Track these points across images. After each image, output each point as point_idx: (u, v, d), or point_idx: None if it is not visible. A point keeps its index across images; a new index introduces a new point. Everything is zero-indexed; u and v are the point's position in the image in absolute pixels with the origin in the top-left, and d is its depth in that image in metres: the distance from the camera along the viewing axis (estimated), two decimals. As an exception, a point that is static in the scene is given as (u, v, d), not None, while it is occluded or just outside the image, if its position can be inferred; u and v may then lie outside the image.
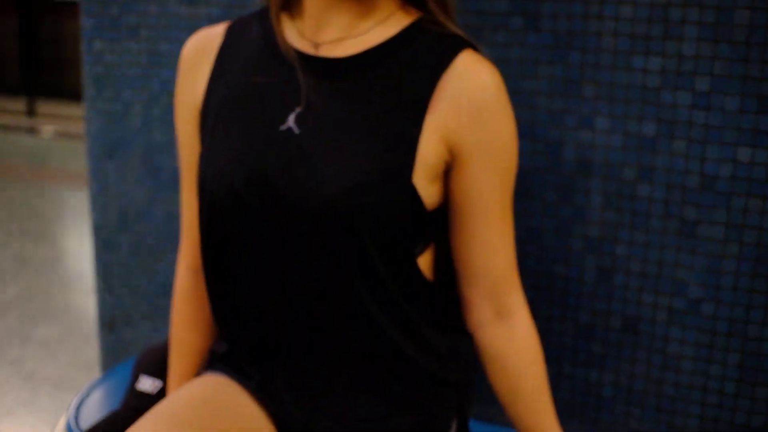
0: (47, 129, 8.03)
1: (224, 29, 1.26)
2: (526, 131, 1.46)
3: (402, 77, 1.13)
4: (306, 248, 1.12)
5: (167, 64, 1.80)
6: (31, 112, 8.82)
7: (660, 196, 1.41)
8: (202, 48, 1.26)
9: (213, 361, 1.30)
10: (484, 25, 1.46)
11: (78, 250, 4.42)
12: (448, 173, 1.17)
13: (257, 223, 1.13)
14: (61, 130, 7.95)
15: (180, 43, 1.76)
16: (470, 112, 1.12)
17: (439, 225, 1.21)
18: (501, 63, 1.45)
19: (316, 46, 1.17)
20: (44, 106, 8.82)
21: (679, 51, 1.36)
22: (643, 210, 1.42)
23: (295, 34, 1.19)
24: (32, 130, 8.13)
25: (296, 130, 1.12)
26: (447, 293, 1.26)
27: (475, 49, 1.16)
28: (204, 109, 1.23)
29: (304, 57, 1.16)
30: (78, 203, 5.18)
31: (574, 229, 1.47)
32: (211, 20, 1.71)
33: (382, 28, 1.17)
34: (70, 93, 8.48)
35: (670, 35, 1.36)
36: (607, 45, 1.40)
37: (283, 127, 1.13)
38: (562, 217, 1.47)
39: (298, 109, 1.13)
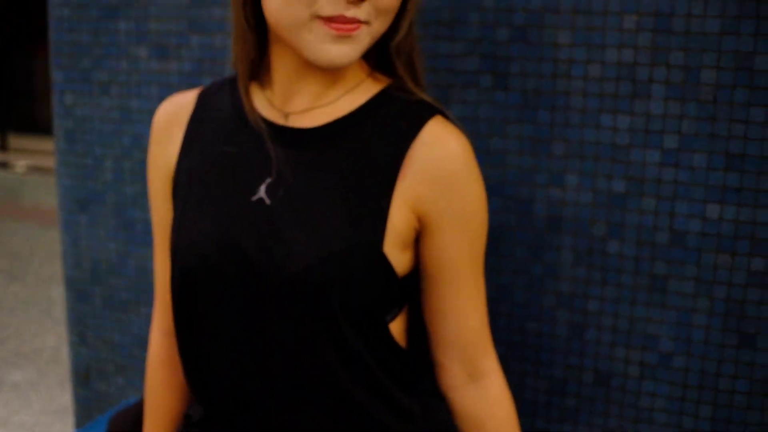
0: (20, 164, 7.95)
1: (196, 95, 1.25)
2: (496, 189, 1.45)
3: (371, 146, 1.12)
4: (278, 316, 1.10)
5: (139, 119, 1.78)
6: (2, 147, 8.72)
7: (630, 253, 1.40)
8: (174, 114, 1.25)
9: (188, 426, 1.28)
10: (453, 84, 1.45)
11: (52, 290, 4.36)
12: (418, 240, 1.16)
13: (229, 292, 1.12)
14: (33, 165, 7.85)
15: (151, 98, 1.74)
16: (439, 181, 1.11)
17: (410, 289, 1.20)
18: (470, 121, 1.45)
19: (286, 115, 1.16)
20: (16, 140, 8.71)
21: (647, 110, 1.36)
22: (613, 266, 1.41)
23: (264, 104, 1.18)
24: (4, 165, 8.03)
25: (267, 201, 1.11)
26: (420, 356, 1.24)
27: (444, 115, 1.15)
28: (176, 176, 1.22)
29: (273, 127, 1.15)
30: (52, 241, 5.12)
31: (546, 285, 1.46)
32: (183, 75, 1.70)
33: (351, 96, 1.16)
34: (43, 127, 8.35)
35: (638, 94, 1.36)
36: (576, 104, 1.39)
37: (255, 198, 1.12)
38: (534, 274, 1.46)
39: (269, 180, 1.12)
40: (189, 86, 1.68)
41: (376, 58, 1.20)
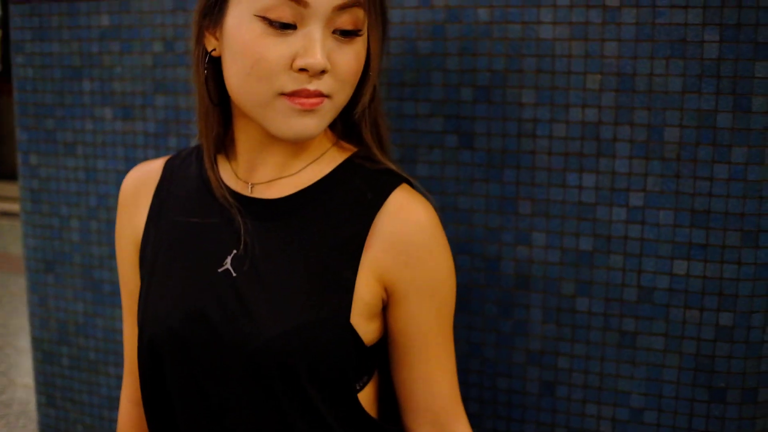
0: (-15, 208, 7.84)
1: (162, 164, 1.23)
2: (464, 247, 1.43)
3: (337, 217, 1.10)
4: (246, 388, 1.08)
5: (104, 179, 1.74)
6: (-33, 192, 8.55)
7: (599, 310, 1.38)
8: (140, 183, 1.23)
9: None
10: (420, 144, 1.43)
11: (20, 340, 4.28)
12: (386, 309, 1.13)
13: (196, 363, 1.09)
14: (1, 209, 7.76)
15: (117, 158, 1.71)
16: (405, 251, 1.09)
17: (379, 357, 1.18)
18: (437, 181, 1.42)
19: (251, 186, 1.14)
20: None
21: (613, 168, 1.34)
22: (582, 323, 1.39)
23: (230, 175, 1.16)
24: (-31, 210, 7.91)
25: (234, 272, 1.09)
26: (391, 423, 1.21)
27: (410, 184, 1.14)
28: (143, 246, 1.20)
29: (239, 198, 1.13)
30: (19, 290, 5.03)
31: (516, 342, 1.43)
32: (148, 137, 1.67)
33: (316, 166, 1.14)
34: (8, 171, 8.19)
35: (602, 153, 1.34)
36: (542, 162, 1.37)
37: (221, 269, 1.10)
38: (504, 331, 1.44)
39: (235, 251, 1.10)
40: (154, 147, 1.65)
41: (342, 126, 1.19)
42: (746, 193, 1.29)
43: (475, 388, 1.47)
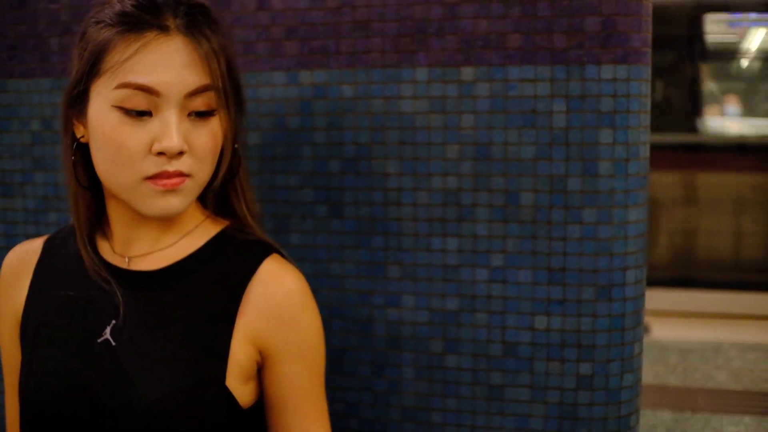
0: None
1: (42, 243, 1.19)
2: (336, 312, 1.37)
3: (212, 286, 1.08)
4: None
5: (-15, 256, 1.63)
6: None
7: (467, 365, 1.33)
8: (21, 262, 1.18)
9: None
10: (292, 214, 1.38)
11: None
12: (260, 372, 1.11)
13: (80, 430, 1.04)
14: None
15: (-4, 236, 1.60)
16: (276, 316, 1.08)
17: (256, 421, 1.13)
18: (310, 249, 1.37)
19: (128, 260, 1.10)
20: None
21: (474, 231, 1.31)
22: (453, 379, 1.34)
23: (108, 249, 1.12)
24: None
25: (113, 342, 1.06)
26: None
27: (280, 254, 1.13)
28: (24, 322, 1.14)
29: (117, 271, 1.09)
30: None
31: (390, 400, 1.37)
32: (28, 213, 1.56)
33: (190, 239, 1.12)
34: None
35: (463, 217, 1.31)
36: (407, 228, 1.33)
37: (100, 340, 1.06)
38: (378, 391, 1.38)
39: (114, 322, 1.06)
40: (34, 222, 1.54)
41: (215, 200, 1.17)
42: (598, 250, 1.27)
43: (353, 446, 1.41)
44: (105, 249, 1.13)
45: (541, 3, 1.26)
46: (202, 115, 1.04)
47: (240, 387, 1.08)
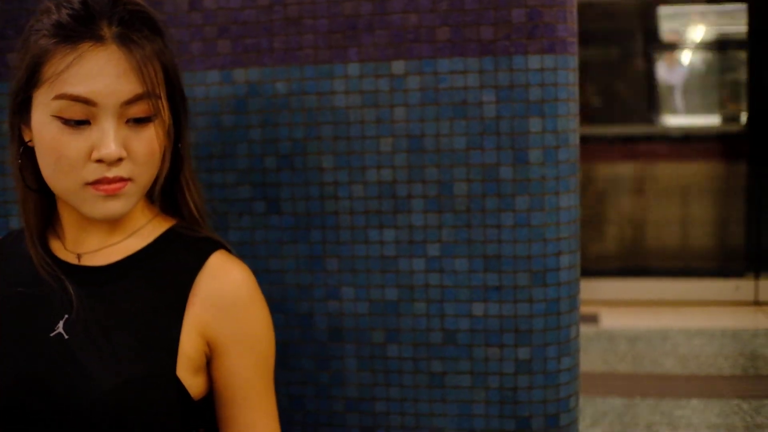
0: None
1: None
2: (278, 306, 1.38)
3: (161, 279, 1.11)
4: None
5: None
6: None
7: (408, 354, 1.36)
8: None
9: None
10: (230, 211, 1.39)
11: None
12: (209, 364, 1.13)
13: (34, 425, 1.06)
14: None
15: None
16: (224, 308, 1.11)
17: (207, 413, 1.16)
18: (249, 245, 1.38)
19: (78, 256, 1.12)
20: None
21: (410, 222, 1.33)
22: (395, 368, 1.36)
23: (59, 246, 1.15)
24: None
25: (66, 336, 1.07)
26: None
27: (227, 249, 1.15)
28: None
29: (68, 267, 1.12)
30: None
31: (334, 392, 1.39)
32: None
33: (139, 236, 1.14)
34: None
35: (399, 209, 1.33)
36: (345, 222, 1.35)
37: (53, 334, 1.08)
38: (322, 383, 1.39)
39: (67, 316, 1.08)
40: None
41: (162, 200, 1.19)
42: (531, 237, 1.30)
43: (299, 439, 1.42)
44: (57, 247, 1.15)
45: (467, -4, 1.29)
46: (140, 121, 1.06)
47: (190, 378, 1.10)
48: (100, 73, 1.02)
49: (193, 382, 1.11)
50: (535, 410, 1.33)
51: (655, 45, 5.57)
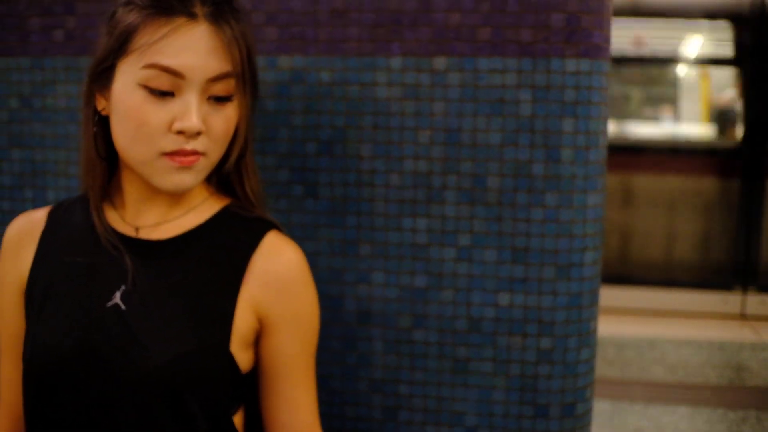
0: None
1: (46, 213, 1.23)
2: (311, 288, 1.43)
3: (217, 257, 1.15)
4: (132, 413, 1.09)
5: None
6: None
7: (434, 340, 1.41)
8: (26, 231, 1.22)
9: None
10: (268, 194, 1.43)
11: None
12: (258, 340, 1.17)
13: (87, 392, 1.10)
14: None
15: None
16: (277, 287, 1.15)
17: (250, 387, 1.20)
18: (285, 227, 1.41)
19: (137, 229, 1.16)
20: None
21: (443, 212, 1.38)
22: (420, 353, 1.42)
23: (117, 219, 1.18)
24: None
25: (122, 306, 1.11)
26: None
27: (279, 229, 1.20)
28: (29, 288, 1.19)
29: (126, 240, 1.15)
30: None
31: (360, 373, 1.44)
32: (3, 189, 1.59)
33: (196, 213, 1.18)
34: None
35: (433, 199, 1.38)
36: (379, 209, 1.40)
37: (110, 304, 1.11)
38: (348, 363, 1.44)
39: (123, 287, 1.12)
40: (10, 199, 1.58)
41: (217, 179, 1.23)
42: (559, 232, 1.35)
43: (323, 417, 1.46)
44: (113, 218, 1.19)
45: (510, -2, 1.34)
46: (221, 99, 1.11)
47: (241, 353, 1.15)
48: (192, 47, 1.07)
49: (243, 357, 1.15)
50: (553, 399, 1.39)
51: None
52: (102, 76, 1.12)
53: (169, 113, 1.08)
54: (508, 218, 1.36)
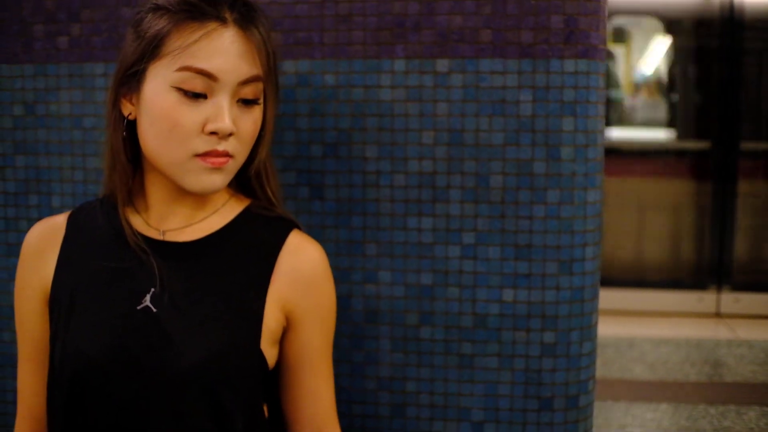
0: None
1: (66, 219, 1.24)
2: (319, 288, 1.45)
3: (244, 256, 1.17)
4: (166, 413, 1.11)
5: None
6: None
7: (440, 336, 1.43)
8: (47, 237, 1.23)
9: None
10: (274, 196, 1.45)
11: None
12: (283, 336, 1.21)
13: (120, 395, 1.11)
14: None
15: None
16: (304, 284, 1.19)
17: (273, 380, 1.24)
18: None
19: (163, 233, 1.18)
20: None
21: (447, 211, 1.41)
22: (426, 350, 1.44)
23: (141, 223, 1.19)
24: None
25: (153, 309, 1.12)
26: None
27: (300, 228, 1.23)
28: (53, 294, 1.19)
29: (153, 243, 1.17)
30: None
31: (367, 371, 1.46)
32: (8, 195, 1.59)
33: (219, 215, 1.21)
34: None
35: (438, 198, 1.41)
36: (385, 209, 1.42)
37: (140, 307, 1.13)
38: (356, 362, 1.46)
39: (153, 290, 1.13)
40: (15, 206, 1.58)
41: (236, 180, 1.25)
42: (560, 228, 1.38)
43: (331, 414, 1.49)
44: (137, 222, 1.20)
45: (510, 1, 1.37)
46: (248, 102, 1.14)
47: (269, 350, 1.18)
48: (225, 51, 1.09)
49: (270, 354, 1.19)
50: (557, 391, 1.42)
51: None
52: (131, 81, 1.13)
53: (201, 115, 1.10)
54: (511, 216, 1.39)
